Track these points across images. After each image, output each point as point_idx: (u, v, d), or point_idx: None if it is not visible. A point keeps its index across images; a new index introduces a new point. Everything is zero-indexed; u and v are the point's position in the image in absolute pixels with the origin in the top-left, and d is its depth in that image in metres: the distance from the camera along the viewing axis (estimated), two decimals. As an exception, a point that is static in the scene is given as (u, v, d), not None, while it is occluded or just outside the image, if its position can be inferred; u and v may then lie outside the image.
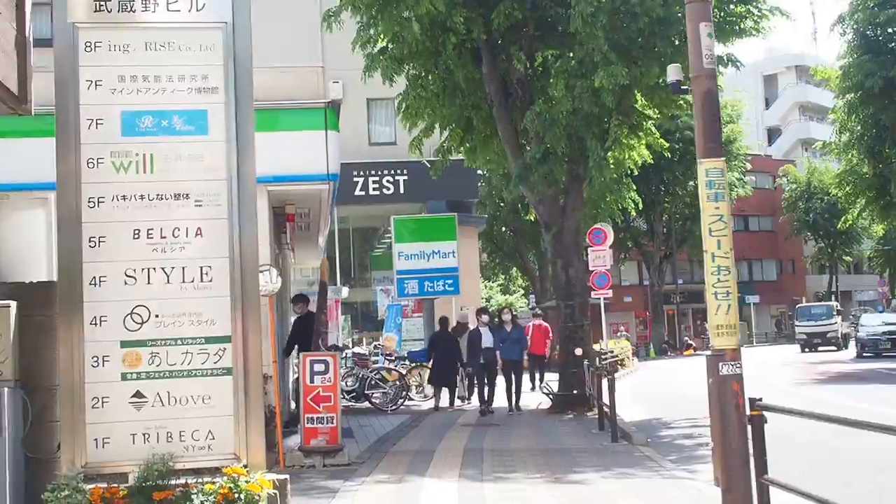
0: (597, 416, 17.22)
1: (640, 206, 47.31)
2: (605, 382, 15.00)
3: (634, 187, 44.84)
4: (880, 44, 29.36)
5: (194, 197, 6.75)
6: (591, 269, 23.56)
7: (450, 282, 25.77)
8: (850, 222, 50.85)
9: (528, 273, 52.58)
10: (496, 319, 19.97)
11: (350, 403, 20.26)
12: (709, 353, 7.33)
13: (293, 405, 19.21)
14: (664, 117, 18.89)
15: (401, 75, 20.20)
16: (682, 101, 17.82)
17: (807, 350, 46.99)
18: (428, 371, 22.91)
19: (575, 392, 18.26)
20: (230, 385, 6.70)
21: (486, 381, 18.57)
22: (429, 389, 22.80)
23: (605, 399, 16.01)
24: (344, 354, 21.59)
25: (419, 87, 19.98)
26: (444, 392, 20.36)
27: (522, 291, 70.85)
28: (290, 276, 21.98)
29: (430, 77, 20.10)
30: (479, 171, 34.97)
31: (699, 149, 7.49)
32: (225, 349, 6.70)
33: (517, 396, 18.81)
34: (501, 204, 45.15)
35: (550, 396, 19.34)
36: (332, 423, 11.94)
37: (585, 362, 18.14)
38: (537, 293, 51.83)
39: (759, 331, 70.49)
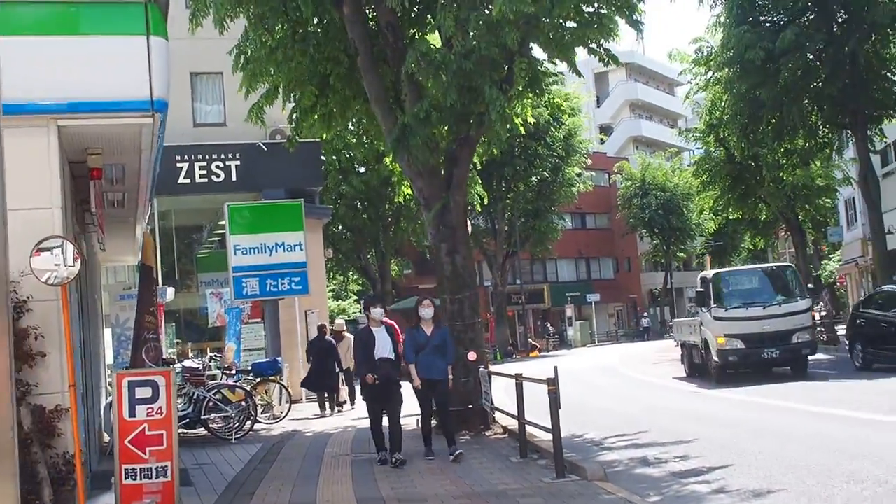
0: (502, 436, 13.89)
1: (486, 200, 44.86)
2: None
3: (480, 181, 42.32)
4: (756, 14, 27.22)
5: None
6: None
7: (297, 279, 21.83)
8: (704, 211, 49.87)
9: (368, 275, 48.89)
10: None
11: (181, 431, 16.04)
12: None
13: (105, 437, 14.92)
14: (570, 66, 15.46)
15: (237, 18, 16.25)
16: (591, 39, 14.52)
17: (731, 372, 21.63)
18: (278, 386, 19.07)
19: (470, 406, 14.66)
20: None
21: (383, 410, 11.94)
22: (277, 410, 18.91)
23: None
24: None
25: (262, 29, 16.02)
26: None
27: (355, 297, 67.29)
28: (98, 272, 17.49)
29: (277, 22, 16.18)
30: (322, 157, 31.39)
31: None
32: None
33: (449, 434, 12.03)
34: (339, 200, 41.37)
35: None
36: (166, 475, 7.92)
37: (481, 369, 14.59)
38: (378, 296, 48.29)
39: (600, 330, 69.12)
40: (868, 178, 26.72)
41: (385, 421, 11.96)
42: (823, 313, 36.70)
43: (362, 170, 40.96)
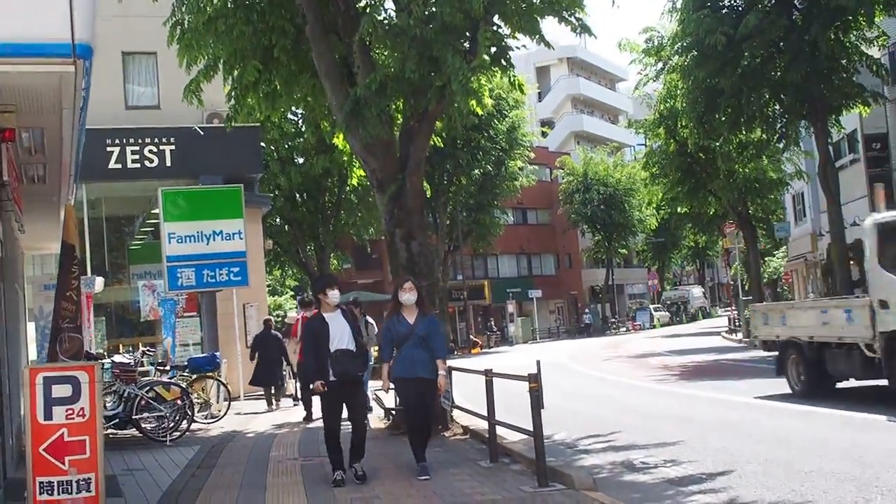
0: (463, 437, 12.83)
1: (429, 193, 43.66)
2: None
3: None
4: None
5: None
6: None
7: (236, 269, 20.54)
8: (651, 204, 49.35)
9: (307, 269, 47.41)
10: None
11: (111, 432, 14.68)
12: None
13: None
14: (536, 37, 14.21)
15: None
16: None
17: None
18: (216, 383, 17.74)
19: (427, 405, 13.50)
20: None
21: (342, 416, 9.78)
22: (215, 409, 17.59)
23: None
24: (101, 365, 15.88)
25: (200, -4, 14.74)
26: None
27: (292, 292, 65.82)
28: (20, 260, 15.97)
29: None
30: (262, 144, 30.04)
31: None
32: None
33: (423, 441, 10.11)
34: (277, 192, 39.92)
35: (392, 412, 14.53)
36: (89, 490, 6.68)
37: (440, 365, 13.44)
38: (316, 291, 46.75)
39: (541, 326, 68.35)
40: (828, 170, 26.09)
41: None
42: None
43: (301, 161, 39.69)
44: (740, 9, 26.09)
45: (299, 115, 36.98)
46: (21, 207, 10.52)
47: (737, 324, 41.30)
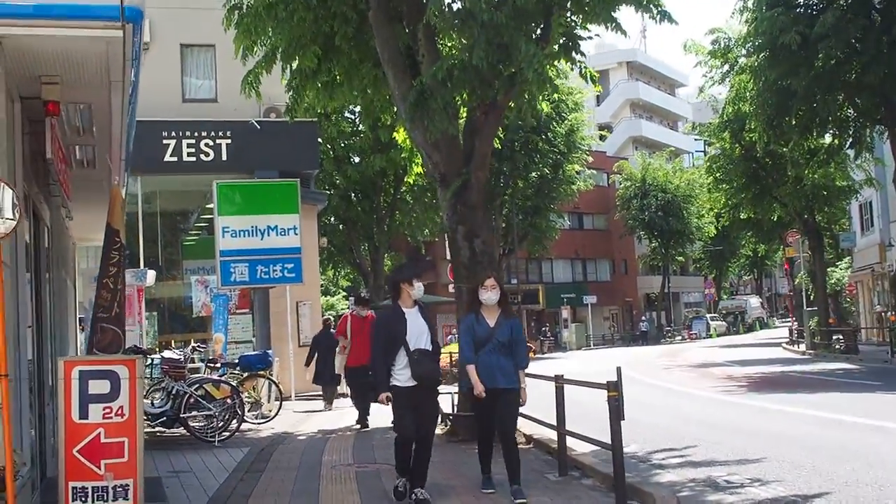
0: (526, 447, 12.05)
1: (484, 196, 42.91)
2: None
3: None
4: (790, -3, 25.36)
5: None
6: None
7: (290, 266, 20.03)
8: (712, 211, 48.13)
9: (361, 269, 46.91)
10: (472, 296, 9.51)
11: (158, 430, 14.20)
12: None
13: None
14: (612, 25, 13.43)
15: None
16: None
17: None
18: (267, 381, 17.19)
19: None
20: None
21: (414, 421, 8.34)
22: (266, 409, 17.03)
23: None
24: (150, 361, 15.44)
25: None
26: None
27: (344, 293, 65.54)
28: (71, 252, 15.53)
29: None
30: (319, 141, 29.59)
31: None
32: None
33: (513, 466, 8.50)
34: (332, 191, 39.47)
35: (450, 418, 13.82)
36: (126, 497, 6.03)
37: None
38: (370, 291, 46.33)
39: (595, 333, 67.22)
40: (903, 179, 24.93)
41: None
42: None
43: (357, 159, 39.26)
44: (815, 7, 25.02)
45: (356, 114, 36.60)
46: (69, 193, 9.98)
47: (800, 335, 40.06)
